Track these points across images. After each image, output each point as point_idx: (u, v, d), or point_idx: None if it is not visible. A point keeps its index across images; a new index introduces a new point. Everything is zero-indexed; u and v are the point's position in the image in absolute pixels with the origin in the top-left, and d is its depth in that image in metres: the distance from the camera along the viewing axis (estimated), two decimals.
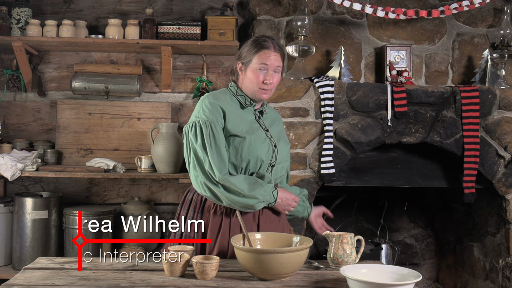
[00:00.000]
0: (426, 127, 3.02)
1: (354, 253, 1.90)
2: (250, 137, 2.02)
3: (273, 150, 2.08)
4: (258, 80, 2.04)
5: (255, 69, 2.04)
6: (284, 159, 2.15)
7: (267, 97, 2.08)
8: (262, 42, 2.05)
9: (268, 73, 2.04)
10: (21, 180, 3.40)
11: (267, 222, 2.06)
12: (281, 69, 2.10)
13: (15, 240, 3.08)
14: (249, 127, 2.05)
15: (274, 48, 2.05)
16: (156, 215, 3.27)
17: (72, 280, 1.65)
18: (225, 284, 1.64)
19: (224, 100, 2.08)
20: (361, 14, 3.33)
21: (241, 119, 2.05)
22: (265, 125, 2.13)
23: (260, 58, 2.03)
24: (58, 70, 3.48)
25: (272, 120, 2.19)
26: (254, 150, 2.01)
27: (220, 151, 1.97)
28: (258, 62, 2.03)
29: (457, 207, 3.64)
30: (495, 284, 3.24)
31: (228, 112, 2.03)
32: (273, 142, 2.10)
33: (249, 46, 2.07)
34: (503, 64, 3.23)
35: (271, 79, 2.04)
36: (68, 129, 3.37)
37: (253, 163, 2.02)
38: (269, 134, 2.10)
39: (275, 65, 2.04)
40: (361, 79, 3.34)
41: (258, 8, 3.29)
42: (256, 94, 2.06)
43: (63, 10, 3.48)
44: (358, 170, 3.15)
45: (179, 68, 3.51)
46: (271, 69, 2.04)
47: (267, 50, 2.04)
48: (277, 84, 2.10)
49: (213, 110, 2.00)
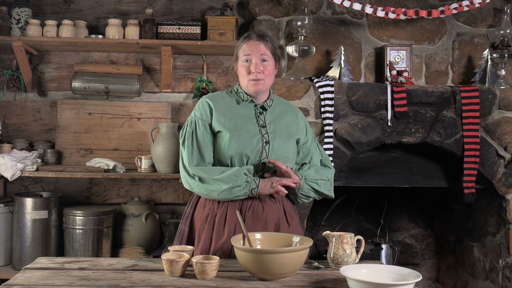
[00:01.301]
0: (426, 127, 3.02)
1: (354, 253, 1.90)
2: (234, 132, 2.01)
3: (262, 147, 2.03)
4: (246, 72, 2.04)
5: (242, 64, 2.06)
6: (284, 155, 2.07)
7: (261, 87, 2.05)
8: (246, 35, 2.08)
9: (253, 62, 2.02)
10: (21, 180, 3.41)
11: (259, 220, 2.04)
12: (272, 59, 2.06)
13: (15, 240, 3.08)
14: (238, 123, 2.04)
15: (256, 38, 2.04)
16: (156, 215, 3.30)
17: (72, 280, 1.65)
18: (225, 284, 1.64)
19: (218, 98, 2.11)
20: (361, 14, 3.33)
21: (232, 115, 2.05)
22: (264, 120, 2.09)
23: (243, 51, 2.05)
24: (58, 70, 3.48)
25: (278, 114, 2.13)
26: (237, 145, 2.00)
27: (199, 146, 2.03)
28: (242, 56, 2.05)
29: (457, 207, 3.64)
30: (495, 284, 3.24)
31: (217, 109, 2.06)
32: (265, 139, 2.04)
33: (238, 43, 2.11)
34: (503, 64, 3.23)
35: (257, 68, 2.01)
36: (68, 129, 3.37)
37: (238, 159, 2.02)
38: (265, 130, 2.06)
39: (258, 53, 2.02)
40: (361, 79, 3.34)
41: (258, 8, 3.29)
42: (249, 87, 2.05)
43: (63, 10, 3.48)
44: (358, 170, 3.15)
45: (179, 68, 3.51)
46: (256, 58, 2.02)
47: (248, 41, 2.05)
48: (270, 74, 2.06)
49: (201, 108, 2.09)
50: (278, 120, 2.12)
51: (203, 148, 2.04)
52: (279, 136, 2.07)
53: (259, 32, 2.08)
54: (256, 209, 2.03)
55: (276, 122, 2.11)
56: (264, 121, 2.09)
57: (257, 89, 2.05)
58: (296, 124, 2.16)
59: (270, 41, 2.08)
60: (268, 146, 2.04)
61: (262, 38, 2.05)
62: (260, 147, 2.03)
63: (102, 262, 1.90)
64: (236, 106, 2.09)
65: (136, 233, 3.19)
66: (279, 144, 2.06)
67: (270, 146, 2.04)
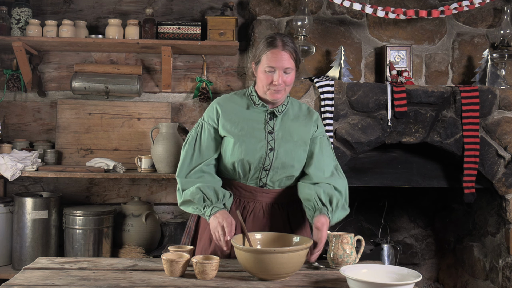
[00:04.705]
0: (426, 127, 3.02)
1: (354, 253, 1.90)
2: (239, 138, 1.99)
3: (266, 153, 1.99)
4: (267, 81, 1.96)
5: (263, 71, 1.97)
6: (289, 162, 2.01)
7: (280, 96, 1.99)
8: (271, 40, 1.97)
9: (276, 74, 1.95)
10: (21, 180, 3.41)
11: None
12: (294, 69, 1.99)
13: (15, 240, 3.08)
14: (244, 129, 2.01)
15: (283, 47, 1.95)
16: (156, 215, 3.30)
17: (72, 280, 1.65)
18: (225, 284, 1.64)
19: (228, 102, 2.08)
20: (361, 14, 3.33)
21: (239, 120, 2.02)
22: (273, 126, 2.03)
23: (268, 59, 1.96)
24: (58, 70, 3.48)
25: (289, 119, 2.07)
26: (239, 151, 1.98)
27: (200, 149, 2.04)
28: (266, 64, 1.96)
29: (457, 207, 3.64)
30: (495, 284, 3.24)
31: (224, 114, 2.03)
32: (270, 145, 2.00)
33: (260, 45, 2.01)
34: (503, 64, 3.23)
35: (279, 80, 1.95)
36: (68, 129, 3.37)
37: (240, 165, 2.00)
38: (271, 136, 2.01)
39: (283, 66, 1.95)
40: (361, 79, 3.34)
41: (258, 8, 3.29)
42: (267, 95, 1.99)
43: (63, 10, 3.48)
44: (358, 170, 3.15)
45: (179, 68, 3.51)
46: (280, 69, 1.95)
47: (275, 50, 1.95)
48: (291, 83, 2.00)
49: (210, 112, 2.09)
50: (288, 126, 2.05)
51: (204, 151, 2.04)
52: (286, 143, 2.02)
53: (284, 39, 1.97)
54: (257, 215, 2.04)
55: (286, 129, 2.04)
56: (272, 127, 2.03)
57: (276, 98, 1.99)
58: (308, 130, 2.08)
59: (294, 49, 1.99)
60: (273, 153, 2.00)
61: (287, 47, 1.96)
62: (263, 153, 1.99)
63: (102, 262, 1.90)
64: (245, 111, 2.05)
65: (136, 233, 3.19)
66: (285, 151, 2.01)
67: (275, 153, 2.00)
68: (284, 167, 2.01)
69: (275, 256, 1.64)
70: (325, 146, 2.10)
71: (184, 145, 2.09)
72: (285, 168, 2.01)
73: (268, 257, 1.64)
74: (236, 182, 2.06)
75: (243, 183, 2.05)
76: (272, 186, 2.05)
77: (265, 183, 2.04)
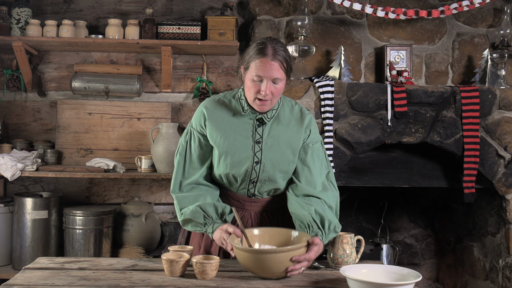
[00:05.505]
0: (426, 127, 3.02)
1: (354, 253, 1.91)
2: (223, 151, 1.93)
3: (252, 167, 1.93)
4: (254, 90, 1.86)
5: (251, 79, 1.86)
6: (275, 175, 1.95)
7: (266, 108, 1.89)
8: (261, 48, 1.85)
9: (264, 84, 1.84)
10: (21, 180, 3.41)
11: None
12: (283, 79, 1.88)
13: (15, 240, 3.08)
14: (231, 140, 1.94)
15: (273, 57, 1.83)
16: (156, 215, 3.30)
17: (72, 280, 1.65)
18: (225, 284, 1.64)
19: (216, 106, 1.99)
20: (361, 14, 3.33)
21: (226, 128, 1.95)
22: (262, 134, 1.95)
23: (256, 68, 1.84)
24: (58, 70, 3.48)
25: (280, 124, 1.98)
26: (224, 166, 1.94)
27: (191, 160, 2.00)
28: (254, 73, 1.84)
29: (457, 207, 3.64)
30: (495, 284, 3.24)
31: (211, 120, 1.96)
32: (257, 158, 1.93)
33: (250, 50, 1.89)
34: (503, 64, 3.23)
35: (266, 90, 1.84)
36: (68, 129, 3.37)
37: (226, 178, 1.98)
38: (259, 147, 1.94)
39: (272, 76, 1.83)
40: (361, 79, 3.34)
41: (258, 8, 3.29)
42: (254, 105, 1.90)
43: (63, 10, 3.48)
44: (358, 170, 3.15)
45: (179, 68, 3.51)
46: (268, 79, 1.84)
47: (264, 59, 1.83)
48: (279, 94, 1.89)
49: (197, 117, 2.01)
50: (278, 133, 1.96)
51: (195, 162, 2.00)
52: (274, 154, 1.94)
53: (275, 47, 1.85)
54: (245, 225, 2.01)
55: (275, 136, 1.96)
56: (261, 135, 1.95)
57: (263, 110, 1.90)
58: (299, 137, 1.98)
59: (285, 58, 1.87)
60: (259, 165, 1.94)
61: (277, 57, 1.84)
62: (249, 166, 1.93)
63: (102, 262, 1.90)
64: (232, 118, 1.96)
65: (136, 233, 3.19)
66: (272, 164, 1.94)
67: (261, 165, 1.94)
68: (271, 180, 1.97)
69: (275, 256, 1.64)
70: (317, 155, 2.01)
71: (176, 155, 2.04)
72: (272, 181, 1.97)
73: (268, 256, 1.64)
74: (225, 191, 2.05)
75: (232, 191, 2.04)
76: (260, 196, 2.02)
77: (253, 193, 2.01)
